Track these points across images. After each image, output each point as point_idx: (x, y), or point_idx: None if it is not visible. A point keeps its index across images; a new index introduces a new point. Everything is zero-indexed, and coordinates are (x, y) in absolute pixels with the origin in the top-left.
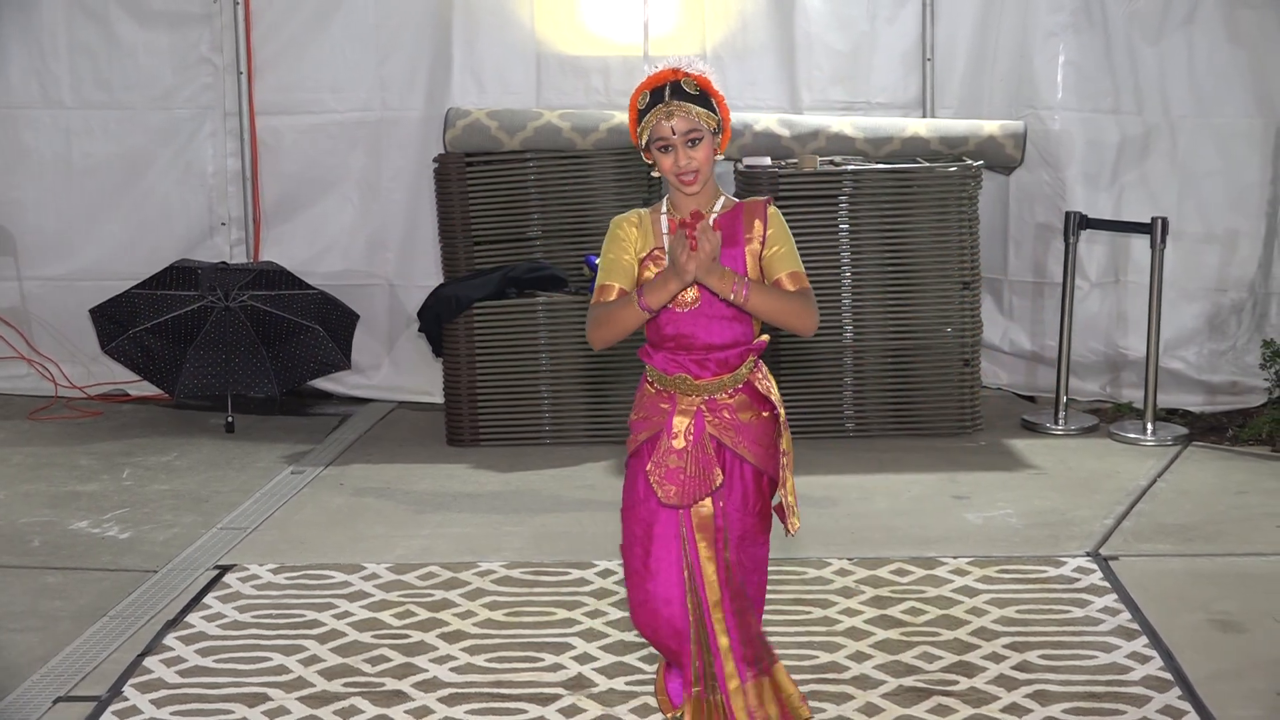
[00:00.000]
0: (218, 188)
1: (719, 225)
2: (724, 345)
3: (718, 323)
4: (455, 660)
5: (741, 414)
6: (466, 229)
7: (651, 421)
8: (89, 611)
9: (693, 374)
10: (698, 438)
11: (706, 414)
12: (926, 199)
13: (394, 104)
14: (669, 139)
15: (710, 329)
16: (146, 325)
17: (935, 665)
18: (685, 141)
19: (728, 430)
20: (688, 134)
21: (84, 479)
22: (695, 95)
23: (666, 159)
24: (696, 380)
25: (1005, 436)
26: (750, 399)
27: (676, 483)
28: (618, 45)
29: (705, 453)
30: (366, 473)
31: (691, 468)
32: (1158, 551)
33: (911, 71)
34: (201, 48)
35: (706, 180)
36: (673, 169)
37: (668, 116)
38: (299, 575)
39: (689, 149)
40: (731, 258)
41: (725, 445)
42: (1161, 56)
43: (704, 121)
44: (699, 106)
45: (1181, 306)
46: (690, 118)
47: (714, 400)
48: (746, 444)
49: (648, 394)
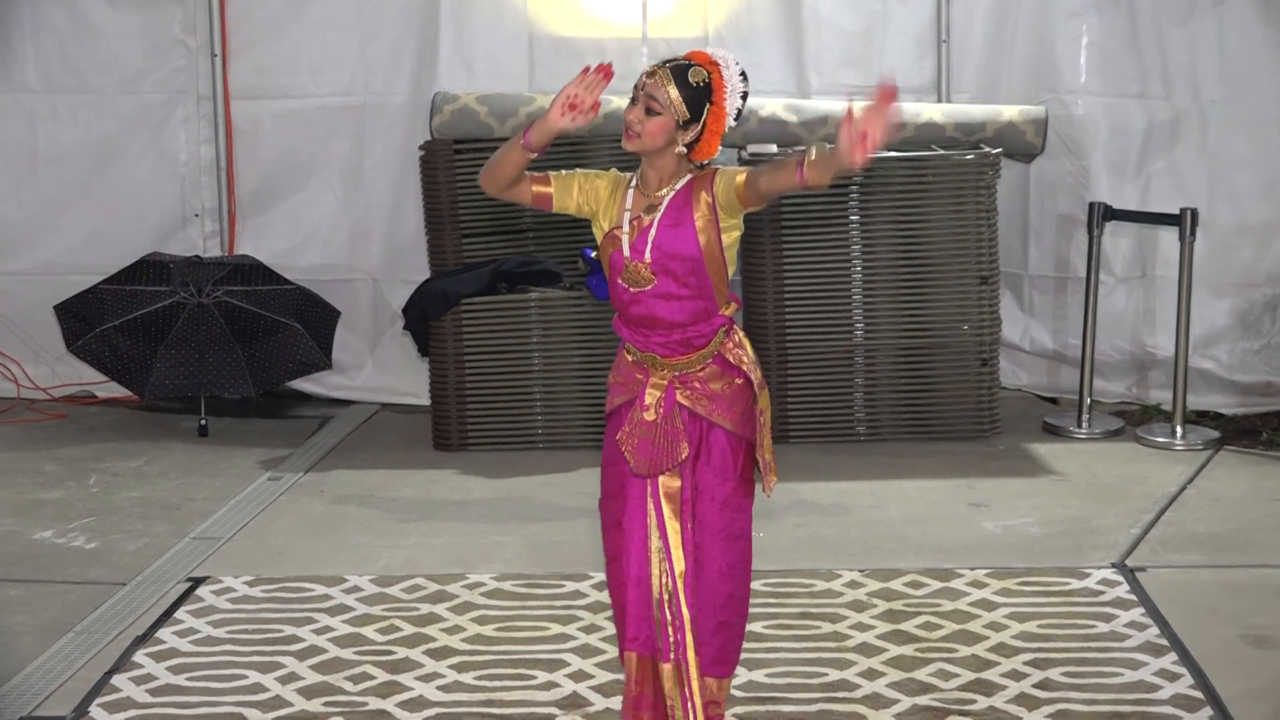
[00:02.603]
0: (191, 177)
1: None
2: (684, 323)
3: (674, 303)
4: (442, 678)
5: (713, 384)
6: (455, 220)
7: (627, 388)
8: (53, 627)
9: (660, 354)
10: (667, 410)
11: (678, 386)
12: (942, 189)
13: (378, 88)
14: (636, 92)
15: (669, 309)
16: (115, 323)
17: (951, 683)
18: (644, 102)
19: (700, 399)
20: (649, 100)
21: (48, 486)
22: (691, 84)
23: (628, 108)
24: (664, 359)
25: (1025, 440)
26: (721, 369)
27: (645, 453)
28: (614, 26)
29: (674, 426)
30: (348, 479)
31: (660, 439)
32: (1187, 562)
33: (926, 54)
34: (174, 29)
35: (647, 152)
36: (626, 116)
37: (649, 75)
38: (276, 588)
39: (643, 112)
40: (678, 238)
41: (699, 414)
42: (1191, 38)
43: (673, 105)
44: (684, 92)
45: (1212, 302)
46: (661, 91)
47: (685, 374)
48: (720, 411)
49: (624, 361)
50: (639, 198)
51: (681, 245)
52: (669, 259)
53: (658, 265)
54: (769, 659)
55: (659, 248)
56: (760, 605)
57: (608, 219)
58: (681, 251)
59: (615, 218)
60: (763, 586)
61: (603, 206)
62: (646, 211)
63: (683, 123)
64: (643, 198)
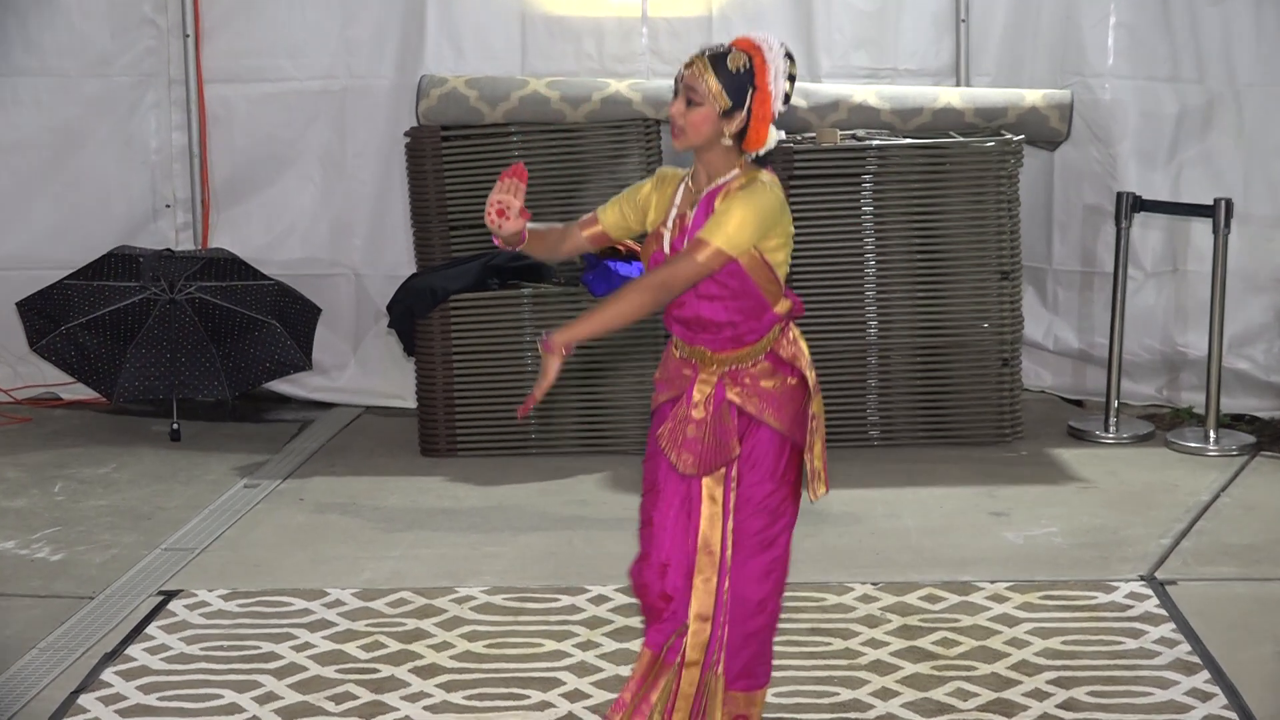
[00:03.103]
0: (162, 165)
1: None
2: (733, 321)
3: (718, 303)
4: (430, 698)
5: (764, 381)
6: (442, 211)
7: (673, 384)
8: (16, 643)
9: (709, 349)
10: (716, 408)
11: (728, 382)
12: (961, 178)
13: (360, 71)
14: (677, 85)
15: (714, 309)
16: (81, 320)
17: (970, 703)
18: (685, 94)
19: (751, 397)
20: (688, 89)
21: (10, 494)
22: (730, 71)
23: (671, 103)
24: (713, 354)
25: (1049, 445)
26: (774, 366)
27: (694, 452)
28: (612, 5)
29: (723, 424)
30: (330, 486)
31: (709, 438)
32: (1220, 575)
33: (944, 34)
34: (143, 7)
35: (696, 147)
36: (670, 112)
37: (688, 65)
38: (253, 602)
39: (684, 104)
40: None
41: (748, 412)
42: (1226, 17)
43: (713, 95)
44: (724, 80)
45: (1248, 299)
46: (700, 81)
47: (736, 369)
48: (772, 410)
49: (672, 357)
50: (688, 194)
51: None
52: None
53: None
54: (777, 678)
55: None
56: None
57: (658, 216)
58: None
59: (663, 214)
60: None
61: (652, 206)
62: (691, 207)
63: (726, 112)
64: (691, 194)
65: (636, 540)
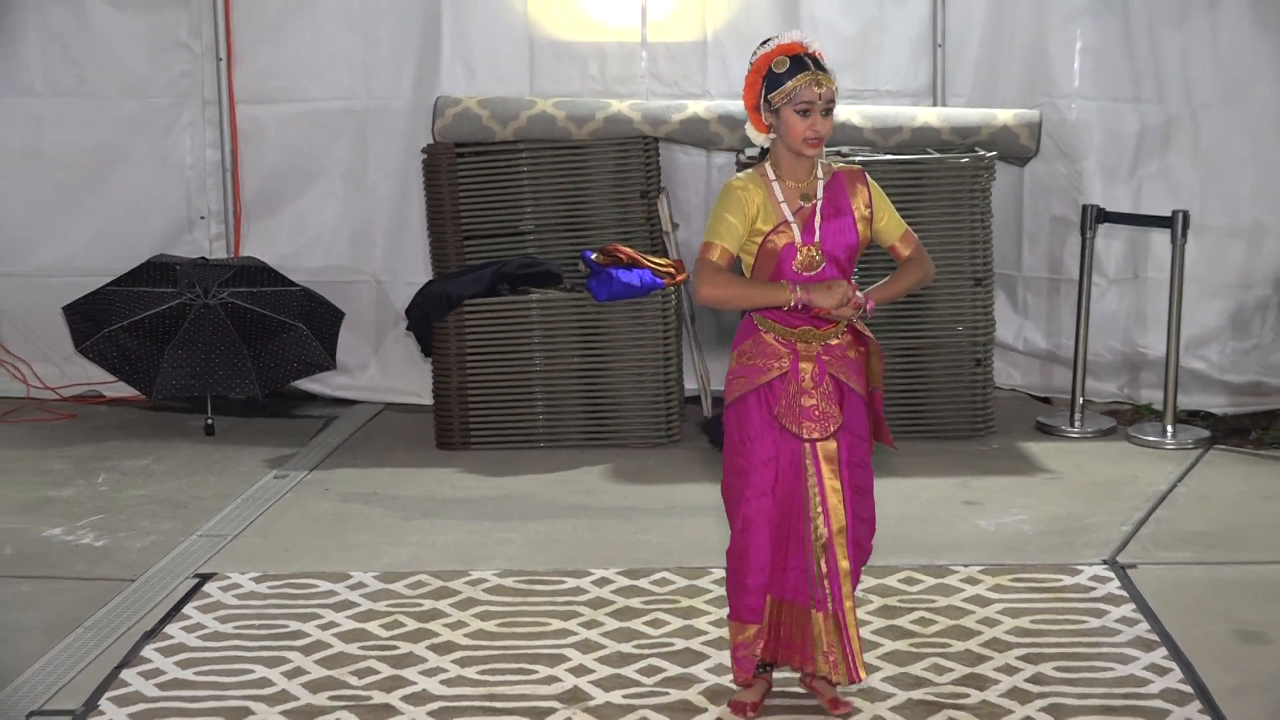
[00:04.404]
0: (196, 180)
1: (829, 196)
2: None
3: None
4: (445, 672)
5: (849, 351)
6: (456, 222)
7: (766, 370)
8: (62, 623)
9: (816, 326)
10: (820, 379)
11: (824, 356)
12: (937, 191)
13: (380, 92)
14: (814, 103)
15: None
16: (122, 323)
17: (945, 678)
18: (824, 108)
19: (842, 368)
20: (829, 103)
21: (57, 484)
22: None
23: (801, 123)
24: (819, 330)
25: (1019, 439)
26: (853, 338)
27: (813, 419)
28: (614, 30)
29: (829, 392)
30: (353, 477)
31: (822, 404)
32: (1178, 559)
33: (922, 58)
34: (179, 32)
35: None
36: (804, 132)
37: (816, 84)
38: (282, 584)
39: (824, 117)
40: (841, 227)
41: (840, 380)
42: (1184, 41)
43: (835, 95)
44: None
45: (1203, 304)
46: (832, 89)
47: (829, 344)
48: (853, 375)
49: (765, 343)
50: (788, 191)
51: (843, 234)
52: (834, 245)
53: (825, 250)
54: None
55: (825, 235)
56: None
57: (765, 221)
58: (843, 240)
59: (773, 214)
60: None
61: (759, 213)
62: (804, 200)
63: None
64: (792, 190)
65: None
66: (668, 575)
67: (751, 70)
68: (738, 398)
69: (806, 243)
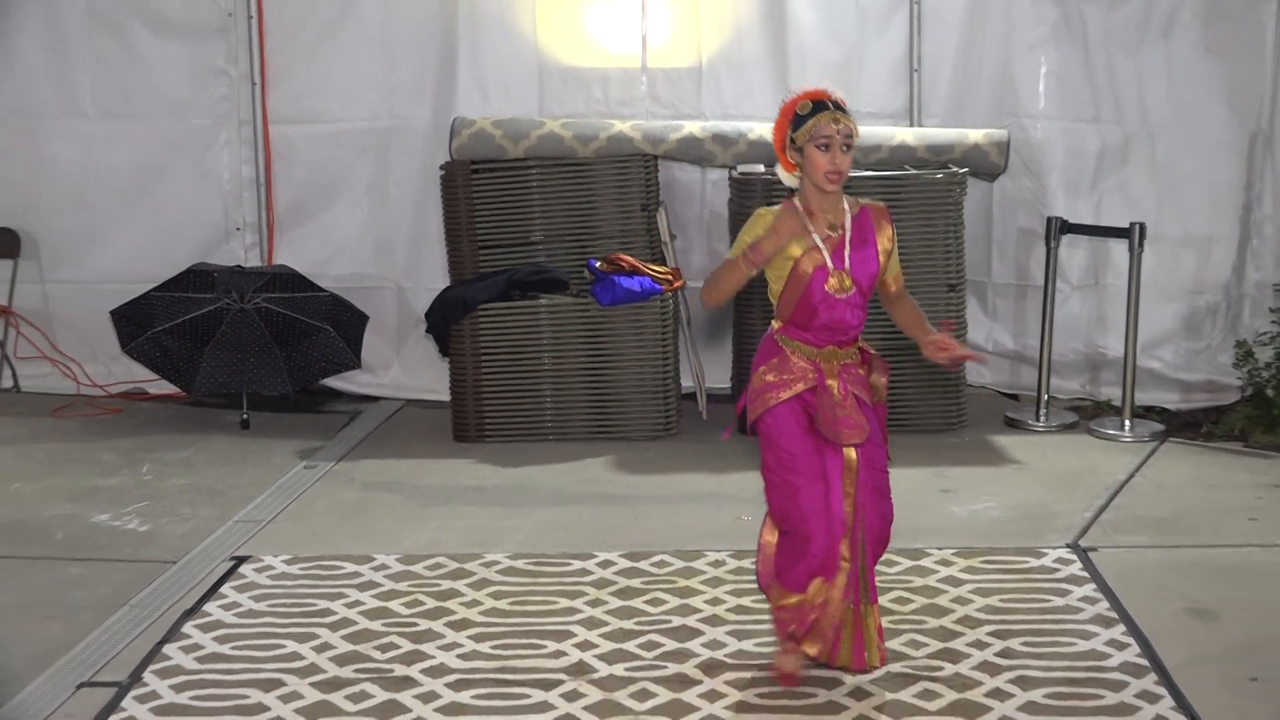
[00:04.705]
0: (233, 194)
1: (857, 227)
2: (857, 325)
3: (857, 310)
4: (462, 647)
5: (859, 369)
6: (472, 233)
7: (793, 384)
8: (110, 601)
9: (839, 346)
10: (846, 394)
11: (845, 375)
12: (914, 205)
13: (401, 113)
14: (832, 139)
15: (854, 314)
16: (165, 326)
17: (921, 652)
18: (842, 145)
19: (854, 382)
20: (847, 138)
21: (105, 474)
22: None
23: (822, 157)
24: (841, 350)
25: (989, 433)
26: (861, 356)
27: (848, 426)
28: (617, 56)
29: (853, 402)
30: (376, 468)
31: (854, 415)
32: (1135, 543)
33: (899, 82)
34: (217, 59)
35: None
36: (825, 166)
37: (834, 121)
38: (312, 566)
39: (843, 152)
40: (866, 257)
41: (857, 395)
42: (1140, 67)
43: (856, 134)
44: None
45: (1159, 308)
46: (850, 126)
47: (846, 363)
48: (863, 390)
49: (791, 361)
50: (816, 221)
51: (867, 263)
52: (860, 273)
53: (852, 276)
54: (758, 630)
55: (853, 263)
56: (749, 581)
57: (798, 242)
58: (867, 269)
59: (804, 241)
60: (750, 564)
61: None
62: (831, 229)
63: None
64: (820, 219)
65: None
66: (666, 558)
67: (779, 115)
68: (770, 408)
69: (838, 268)
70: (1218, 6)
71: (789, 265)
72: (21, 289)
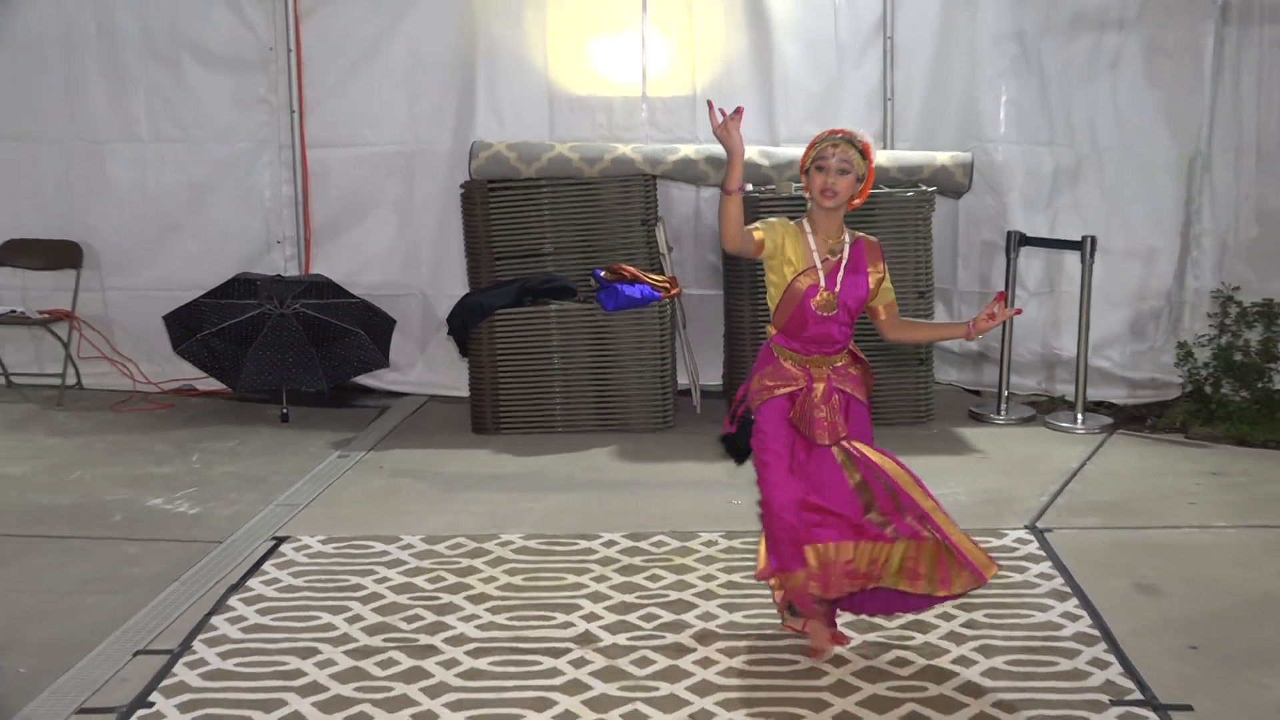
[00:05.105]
0: (273, 211)
1: (853, 255)
2: (843, 340)
3: (843, 326)
4: (480, 619)
5: (851, 369)
6: (489, 246)
7: (786, 384)
8: (163, 577)
9: (825, 354)
10: (829, 398)
11: (833, 377)
12: (887, 220)
13: (425, 138)
14: (827, 161)
15: (839, 330)
16: (212, 329)
17: (894, 623)
18: (837, 167)
19: (846, 382)
20: (842, 162)
21: (159, 462)
22: (857, 147)
23: (819, 177)
24: (827, 358)
25: (955, 425)
26: (852, 359)
27: (823, 428)
28: (619, 86)
29: (836, 408)
30: (403, 457)
31: (830, 416)
32: (1087, 525)
33: (874, 110)
34: (259, 89)
35: (841, 206)
36: (820, 185)
37: (833, 146)
38: (344, 545)
39: (838, 175)
40: (856, 282)
41: (846, 392)
42: (1090, 97)
43: (855, 163)
44: (856, 154)
45: (1108, 313)
46: (847, 154)
47: (836, 367)
48: (856, 388)
49: (782, 366)
50: (819, 242)
51: (856, 289)
52: (848, 296)
53: (840, 298)
54: (746, 603)
55: (844, 286)
56: (739, 559)
57: (797, 258)
58: (856, 293)
59: (804, 259)
60: (740, 544)
61: (788, 246)
62: (830, 254)
63: (861, 177)
64: (823, 242)
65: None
66: (664, 538)
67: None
68: (762, 404)
69: (829, 288)
70: (1159, 44)
71: (789, 276)
72: (84, 296)
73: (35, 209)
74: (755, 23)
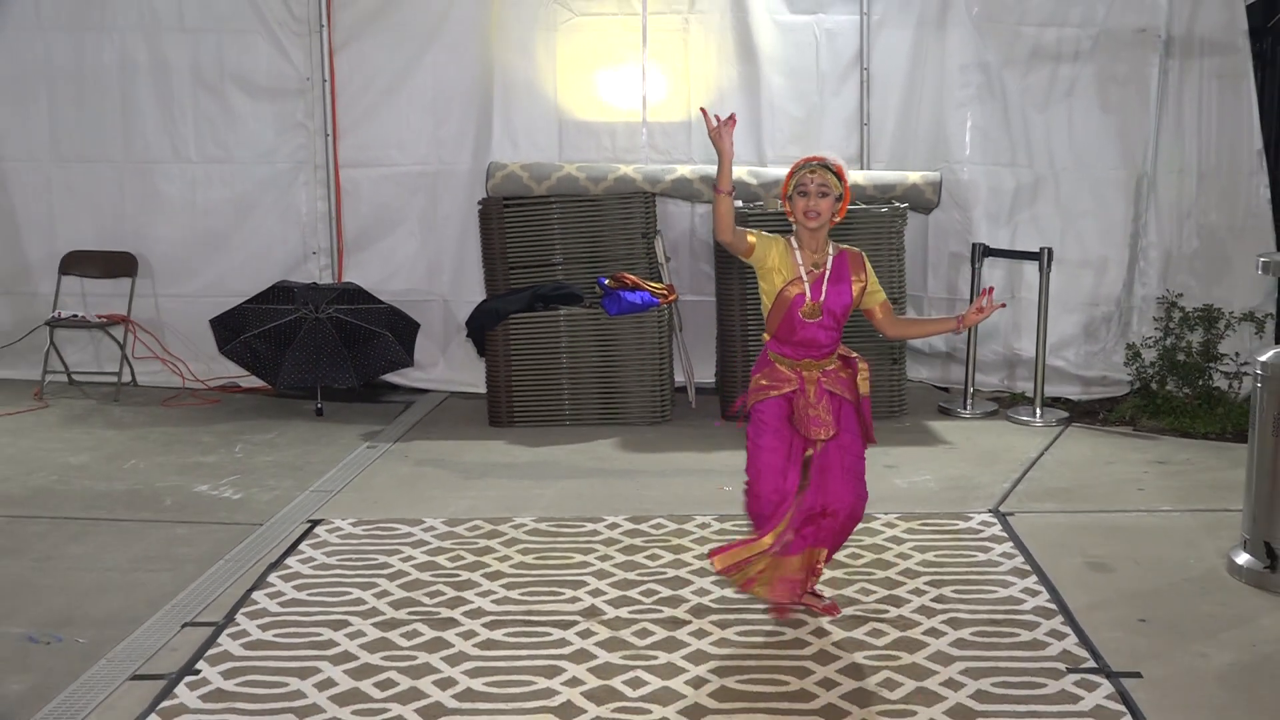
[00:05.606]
0: (309, 225)
1: (836, 266)
2: (831, 344)
3: (829, 331)
4: (495, 594)
5: (841, 373)
6: (504, 257)
7: (781, 385)
8: (209, 556)
9: (815, 358)
10: (821, 396)
11: (823, 379)
12: (864, 233)
13: (447, 159)
14: (807, 187)
15: (825, 335)
16: (254, 332)
17: (871, 598)
18: (818, 191)
19: (836, 384)
20: (821, 186)
21: (205, 452)
22: (832, 170)
23: (801, 201)
24: (817, 362)
25: (925, 419)
26: (843, 363)
27: (818, 425)
28: (622, 112)
29: (827, 405)
30: (426, 447)
31: (824, 415)
32: (1044, 509)
33: (852, 133)
34: (297, 115)
35: (824, 225)
36: (803, 208)
37: (811, 172)
38: (373, 527)
39: (819, 197)
40: (840, 291)
41: (836, 394)
42: (1048, 122)
43: (832, 185)
44: (832, 176)
45: (1063, 317)
46: (824, 178)
47: (826, 370)
48: (846, 389)
49: (777, 369)
50: (805, 256)
51: (841, 296)
52: (832, 304)
53: (825, 306)
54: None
55: (829, 295)
56: (730, 540)
57: (786, 269)
58: (840, 300)
59: (791, 270)
60: (731, 526)
61: (779, 261)
62: (815, 266)
63: (839, 198)
64: (808, 256)
65: (645, 485)
66: (662, 521)
67: (787, 173)
68: (758, 402)
69: (814, 298)
70: (1110, 74)
71: (779, 285)
72: (138, 302)
73: (94, 224)
74: (745, 56)
